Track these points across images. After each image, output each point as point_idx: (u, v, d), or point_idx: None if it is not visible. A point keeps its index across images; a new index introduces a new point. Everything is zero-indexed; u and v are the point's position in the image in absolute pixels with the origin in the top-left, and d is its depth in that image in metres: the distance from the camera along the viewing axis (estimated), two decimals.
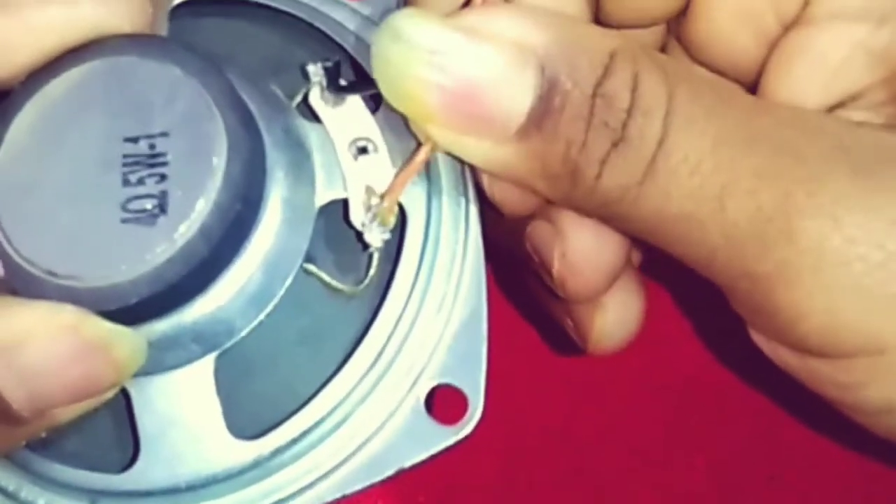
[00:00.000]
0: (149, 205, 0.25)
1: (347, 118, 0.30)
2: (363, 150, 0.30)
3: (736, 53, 0.31)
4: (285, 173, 0.28)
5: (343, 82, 0.30)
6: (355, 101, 0.30)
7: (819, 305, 0.26)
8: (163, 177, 0.25)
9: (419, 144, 0.28)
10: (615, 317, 0.32)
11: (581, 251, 0.30)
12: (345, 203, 0.29)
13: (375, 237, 0.29)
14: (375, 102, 0.30)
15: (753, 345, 0.30)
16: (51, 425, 0.26)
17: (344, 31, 0.32)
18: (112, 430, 0.29)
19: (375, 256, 0.29)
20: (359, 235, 0.29)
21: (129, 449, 0.29)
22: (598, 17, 0.32)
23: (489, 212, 0.31)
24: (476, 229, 0.30)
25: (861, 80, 0.28)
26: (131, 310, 0.25)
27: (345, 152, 0.29)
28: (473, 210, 0.30)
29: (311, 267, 0.29)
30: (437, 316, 0.29)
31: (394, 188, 0.29)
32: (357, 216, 0.29)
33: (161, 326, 0.27)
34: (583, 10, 0.31)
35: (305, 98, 0.30)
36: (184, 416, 0.28)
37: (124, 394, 0.28)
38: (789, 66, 0.30)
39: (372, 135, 0.30)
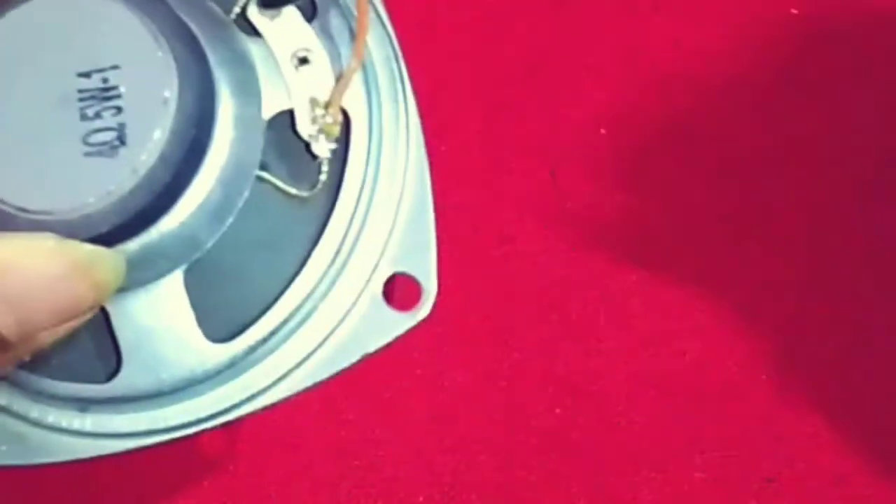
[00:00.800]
0: (108, 137, 0.26)
1: (286, 29, 0.31)
2: (304, 61, 0.31)
3: None
4: (232, 90, 0.29)
5: None
6: (292, 12, 0.31)
7: None
8: (118, 109, 0.26)
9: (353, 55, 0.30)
10: None
11: None
12: (291, 113, 0.31)
13: (323, 148, 0.31)
14: (311, 11, 0.32)
15: (753, 345, 0.30)
16: (35, 348, 0.27)
17: None
18: (93, 344, 0.31)
19: (325, 162, 0.31)
20: (307, 146, 0.31)
21: (112, 360, 0.31)
22: None
23: None
24: (416, 125, 0.32)
25: None
26: (102, 237, 0.27)
27: (287, 64, 0.31)
28: (413, 107, 0.32)
29: (266, 175, 0.31)
30: (387, 210, 0.32)
31: (333, 101, 0.31)
32: (304, 127, 0.31)
33: (131, 246, 0.28)
34: None
35: (243, 12, 0.32)
36: (160, 325, 0.30)
37: (102, 311, 0.30)
38: None
39: (311, 44, 0.31)
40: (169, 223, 0.29)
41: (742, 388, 0.47)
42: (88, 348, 0.31)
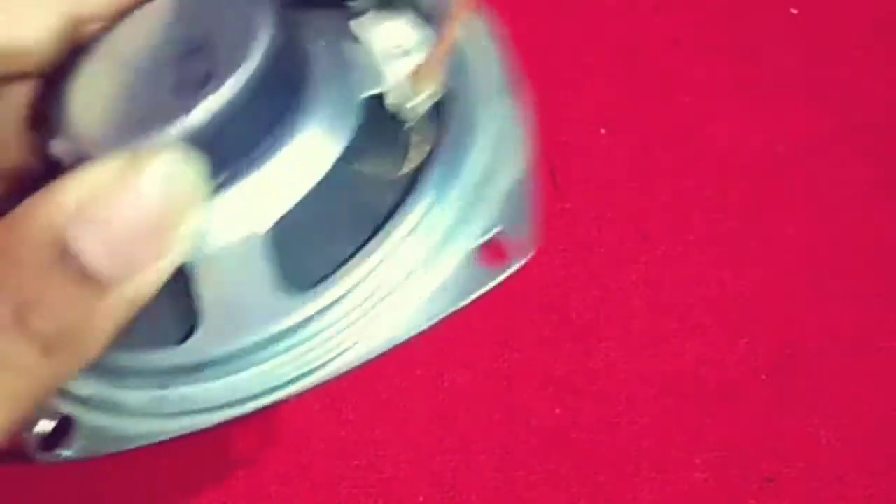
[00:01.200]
0: (197, 82, 0.28)
1: (389, 33, 0.33)
2: (402, 54, 0.32)
3: None
4: (329, 71, 0.31)
5: None
6: (396, 22, 0.33)
7: None
8: (210, 61, 0.28)
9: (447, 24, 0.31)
10: None
11: None
12: (383, 96, 0.31)
13: (413, 112, 0.31)
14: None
15: (753, 345, 0.30)
16: (133, 300, 0.25)
17: None
18: (171, 309, 0.31)
19: (414, 140, 0.32)
20: (395, 117, 0.31)
21: (187, 322, 0.30)
22: None
23: None
24: (518, 111, 0.32)
25: None
26: None
27: (386, 56, 0.32)
28: (514, 98, 0.33)
29: (355, 165, 0.31)
30: (484, 179, 0.31)
31: (427, 64, 0.31)
32: (396, 96, 0.31)
33: (216, 202, 0.29)
34: None
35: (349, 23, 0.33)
36: (240, 281, 0.30)
37: (181, 272, 0.29)
38: None
39: (409, 42, 0.32)
40: (254, 182, 0.29)
41: (742, 388, 0.47)
42: (165, 315, 0.31)
